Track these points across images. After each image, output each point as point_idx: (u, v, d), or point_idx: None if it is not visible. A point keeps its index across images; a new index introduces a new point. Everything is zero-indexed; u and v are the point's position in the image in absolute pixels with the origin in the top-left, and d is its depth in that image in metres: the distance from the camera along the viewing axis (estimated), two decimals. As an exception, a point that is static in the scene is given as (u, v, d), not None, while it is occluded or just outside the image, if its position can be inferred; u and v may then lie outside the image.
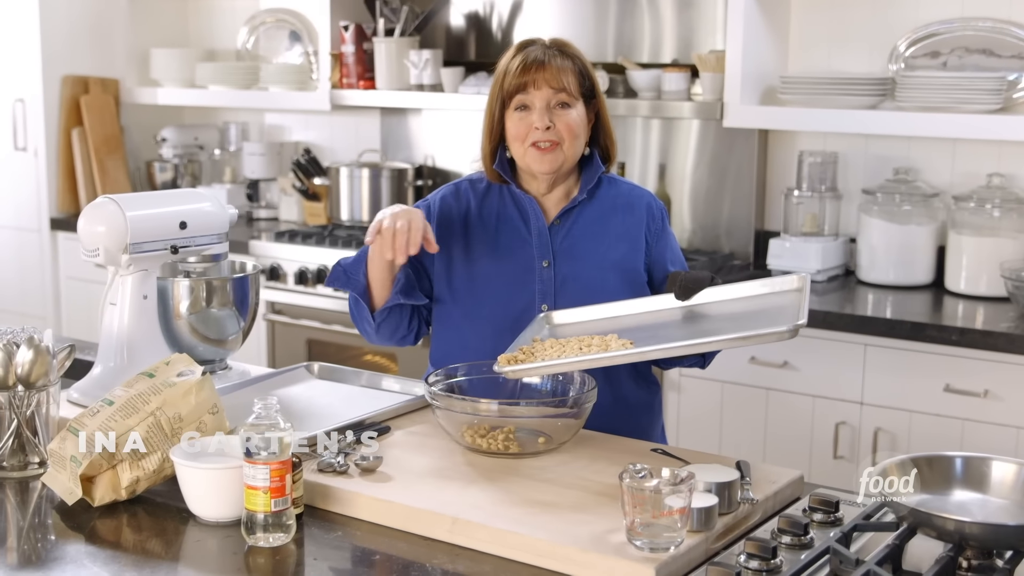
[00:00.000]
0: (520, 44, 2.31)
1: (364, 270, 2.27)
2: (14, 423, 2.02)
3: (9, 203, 5.02)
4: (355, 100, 4.47)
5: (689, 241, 4.04)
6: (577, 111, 2.26)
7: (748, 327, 1.99)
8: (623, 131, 4.10)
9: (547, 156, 2.26)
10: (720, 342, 2.01)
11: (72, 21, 4.87)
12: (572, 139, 2.26)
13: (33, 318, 4.91)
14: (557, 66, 2.25)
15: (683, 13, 3.99)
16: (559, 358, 2.01)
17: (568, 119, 2.25)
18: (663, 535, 1.63)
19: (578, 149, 2.29)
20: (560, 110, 2.25)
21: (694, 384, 3.48)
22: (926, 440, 3.15)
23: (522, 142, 2.27)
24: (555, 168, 2.28)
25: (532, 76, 2.24)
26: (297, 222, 4.75)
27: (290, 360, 4.16)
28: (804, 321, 1.94)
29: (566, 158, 2.27)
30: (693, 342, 2.01)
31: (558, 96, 2.24)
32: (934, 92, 3.42)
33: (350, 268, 2.30)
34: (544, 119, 2.24)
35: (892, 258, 3.58)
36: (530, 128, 2.25)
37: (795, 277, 2.18)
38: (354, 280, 2.29)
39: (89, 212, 2.30)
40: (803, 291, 2.11)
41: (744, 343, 2.01)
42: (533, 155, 2.26)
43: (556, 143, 2.25)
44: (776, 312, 2.06)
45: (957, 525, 1.59)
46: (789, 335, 1.93)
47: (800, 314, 1.99)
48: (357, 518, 1.84)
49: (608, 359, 1.99)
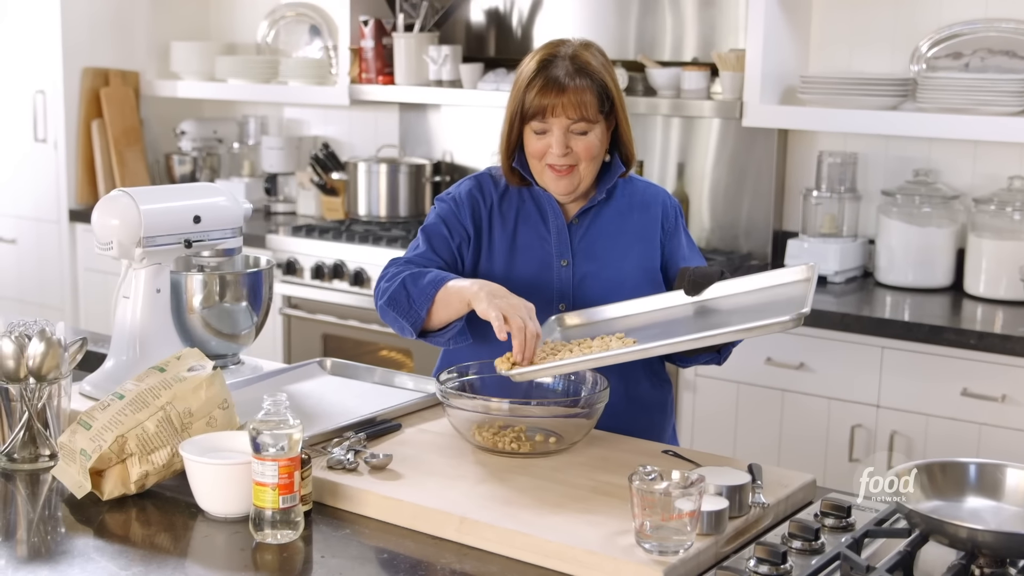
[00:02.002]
0: (542, 59, 2.22)
1: (429, 307, 2.15)
2: (25, 415, 2.02)
3: (29, 194, 5.03)
4: (374, 95, 4.46)
5: (707, 240, 4.02)
6: (595, 134, 2.22)
7: (756, 319, 1.98)
8: (643, 129, 4.08)
9: (563, 179, 2.24)
10: (723, 334, 1.98)
11: (93, 13, 4.88)
12: (589, 161, 2.23)
13: (52, 309, 4.93)
14: (577, 89, 2.18)
15: (705, 11, 3.97)
16: (560, 359, 2.00)
17: (586, 143, 2.21)
18: (672, 538, 1.62)
19: (595, 168, 2.26)
20: (578, 136, 2.21)
21: (709, 384, 3.47)
22: (942, 444, 3.12)
23: (539, 159, 2.24)
24: (571, 191, 2.26)
25: (551, 101, 2.18)
26: (315, 217, 4.75)
27: (306, 355, 4.16)
28: (807, 310, 1.93)
29: (582, 179, 2.25)
30: (695, 336, 1.98)
31: (577, 124, 2.20)
32: (956, 93, 3.39)
33: (416, 298, 2.17)
34: (561, 146, 2.20)
35: (911, 260, 3.56)
36: (547, 149, 2.22)
37: (803, 267, 2.16)
38: (415, 313, 2.17)
39: (103, 205, 2.30)
40: (811, 280, 2.09)
41: (748, 334, 1.99)
42: (550, 176, 2.24)
43: (573, 166, 2.23)
44: (786, 303, 2.04)
45: (970, 533, 1.57)
46: (793, 324, 1.92)
47: (804, 303, 1.98)
48: (365, 516, 1.84)
49: (610, 358, 1.98)
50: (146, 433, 1.87)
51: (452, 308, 2.13)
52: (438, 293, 2.14)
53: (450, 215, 2.31)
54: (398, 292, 2.19)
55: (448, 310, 2.14)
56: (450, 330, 2.18)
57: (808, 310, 1.93)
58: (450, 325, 2.17)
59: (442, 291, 2.13)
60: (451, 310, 2.13)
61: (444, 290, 2.13)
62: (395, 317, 2.20)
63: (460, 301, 2.11)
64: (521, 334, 1.99)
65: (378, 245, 4.12)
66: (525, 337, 1.99)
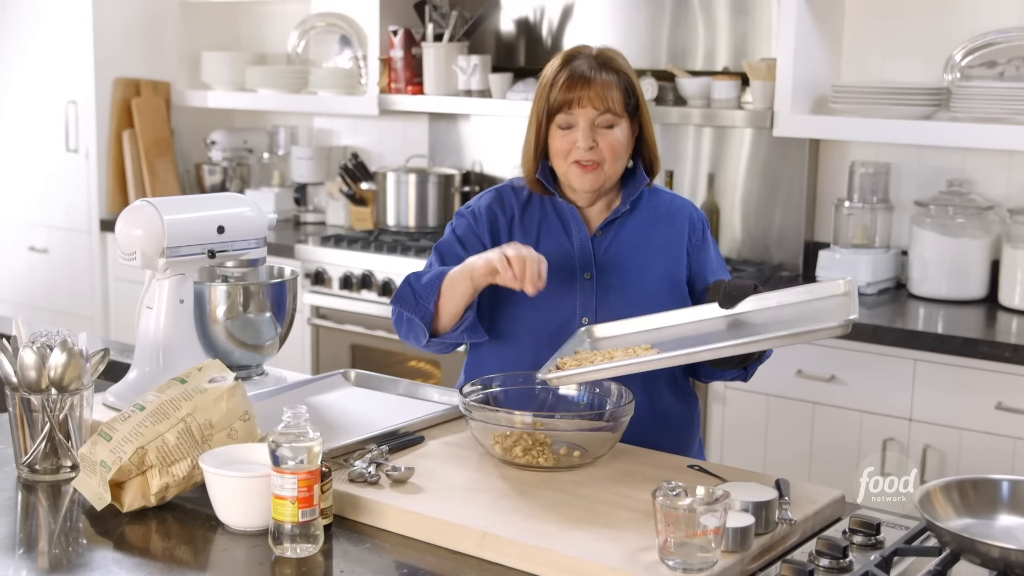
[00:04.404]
0: (566, 56, 2.25)
1: (436, 299, 2.19)
2: (47, 426, 2.01)
3: (60, 204, 5.06)
4: (403, 105, 4.46)
5: (738, 251, 3.99)
6: (621, 129, 2.22)
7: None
8: (674, 139, 4.06)
9: (589, 175, 2.23)
10: (769, 340, 1.97)
11: (124, 24, 4.91)
12: (615, 159, 2.23)
13: (82, 319, 4.95)
14: (603, 83, 2.19)
15: (737, 20, 3.94)
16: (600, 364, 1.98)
17: (612, 139, 2.21)
18: (697, 555, 1.59)
19: (620, 168, 2.26)
20: (604, 129, 2.21)
21: (739, 397, 3.43)
22: (976, 459, 3.07)
23: (565, 158, 2.23)
24: (596, 187, 2.25)
25: (577, 94, 2.19)
26: (344, 226, 4.74)
27: (334, 365, 4.15)
28: (855, 316, 1.92)
29: (607, 177, 2.24)
30: (738, 341, 1.96)
31: (603, 117, 2.20)
32: (990, 103, 3.35)
33: (421, 293, 2.21)
34: (588, 139, 2.20)
35: (944, 271, 3.51)
36: (573, 145, 2.21)
37: (841, 282, 2.13)
38: (423, 307, 2.20)
39: (127, 215, 2.29)
40: (850, 294, 2.07)
41: (794, 340, 1.96)
42: (575, 172, 2.23)
43: (598, 163, 2.22)
44: (823, 317, 2.01)
45: (1002, 552, 1.53)
46: (841, 331, 1.90)
47: (851, 310, 1.96)
48: (386, 530, 1.82)
49: (654, 362, 1.97)
50: (166, 445, 1.86)
51: (458, 291, 2.17)
52: (443, 283, 2.18)
53: (467, 231, 2.32)
54: (403, 290, 2.24)
55: (454, 297, 2.17)
56: (462, 323, 2.20)
57: (855, 317, 1.92)
58: (462, 318, 2.19)
59: (447, 280, 2.18)
60: (456, 295, 2.17)
61: (448, 279, 2.18)
62: (407, 318, 2.23)
63: (463, 278, 2.16)
64: (519, 259, 2.06)
65: (406, 255, 4.11)
66: (525, 260, 2.05)
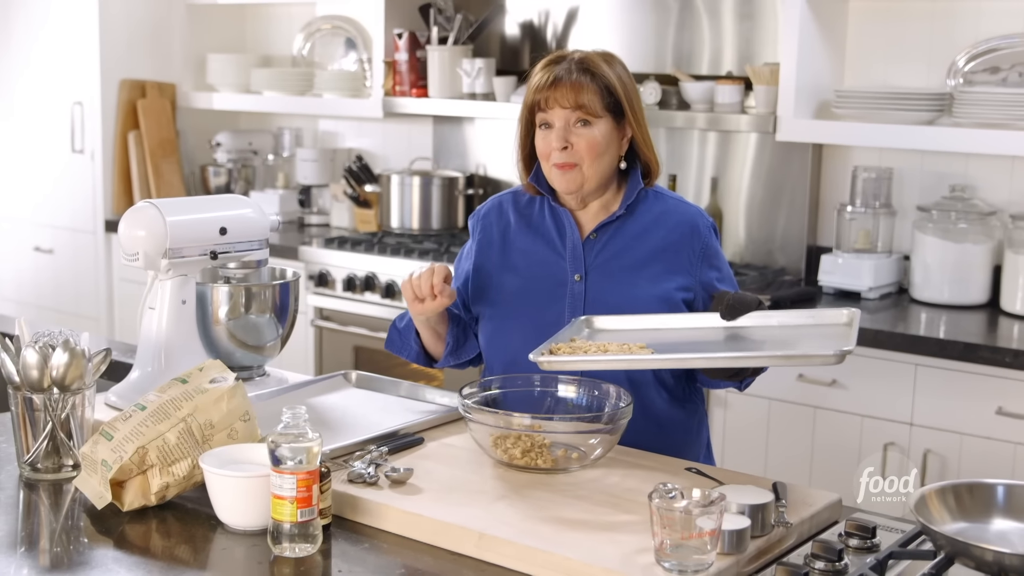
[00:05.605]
0: (549, 59, 2.26)
1: (415, 336, 2.36)
2: (49, 425, 2.02)
3: (66, 205, 5.07)
4: (408, 108, 4.46)
5: (741, 255, 3.99)
6: (599, 129, 2.21)
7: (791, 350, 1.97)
8: (678, 143, 4.07)
9: (567, 175, 2.23)
10: (762, 358, 1.98)
11: (130, 26, 4.93)
12: (593, 159, 2.21)
13: (87, 319, 4.96)
14: (574, 83, 2.19)
15: (741, 24, 3.95)
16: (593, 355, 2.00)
17: (588, 137, 2.21)
18: (692, 557, 1.60)
19: (601, 168, 2.24)
20: (580, 128, 2.21)
21: (740, 401, 3.43)
22: (977, 464, 3.08)
23: (547, 159, 2.25)
24: (575, 188, 2.25)
25: (549, 93, 2.21)
26: (348, 228, 4.75)
27: (337, 367, 4.16)
28: (851, 348, 1.91)
29: (586, 178, 2.23)
30: (731, 355, 1.98)
31: (576, 114, 2.20)
32: (993, 108, 3.35)
33: (404, 334, 2.39)
34: (560, 139, 2.20)
35: (946, 276, 3.51)
36: (551, 146, 2.22)
37: (844, 311, 2.13)
38: (408, 347, 2.39)
39: (130, 216, 2.30)
40: (852, 325, 2.07)
41: (787, 363, 1.98)
42: (555, 174, 2.25)
43: (575, 164, 2.22)
44: (820, 344, 2.02)
45: (996, 556, 1.54)
46: (835, 360, 1.89)
47: (848, 341, 1.95)
48: (385, 530, 1.82)
49: (646, 362, 2.00)
50: (167, 444, 1.87)
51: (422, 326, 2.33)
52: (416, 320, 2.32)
53: (471, 241, 2.41)
54: (390, 333, 2.43)
55: (425, 330, 2.33)
56: (447, 348, 2.35)
57: (851, 348, 1.90)
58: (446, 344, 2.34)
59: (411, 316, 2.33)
60: (426, 328, 2.33)
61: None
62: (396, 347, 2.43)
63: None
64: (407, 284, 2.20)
65: (410, 258, 4.12)
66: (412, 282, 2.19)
